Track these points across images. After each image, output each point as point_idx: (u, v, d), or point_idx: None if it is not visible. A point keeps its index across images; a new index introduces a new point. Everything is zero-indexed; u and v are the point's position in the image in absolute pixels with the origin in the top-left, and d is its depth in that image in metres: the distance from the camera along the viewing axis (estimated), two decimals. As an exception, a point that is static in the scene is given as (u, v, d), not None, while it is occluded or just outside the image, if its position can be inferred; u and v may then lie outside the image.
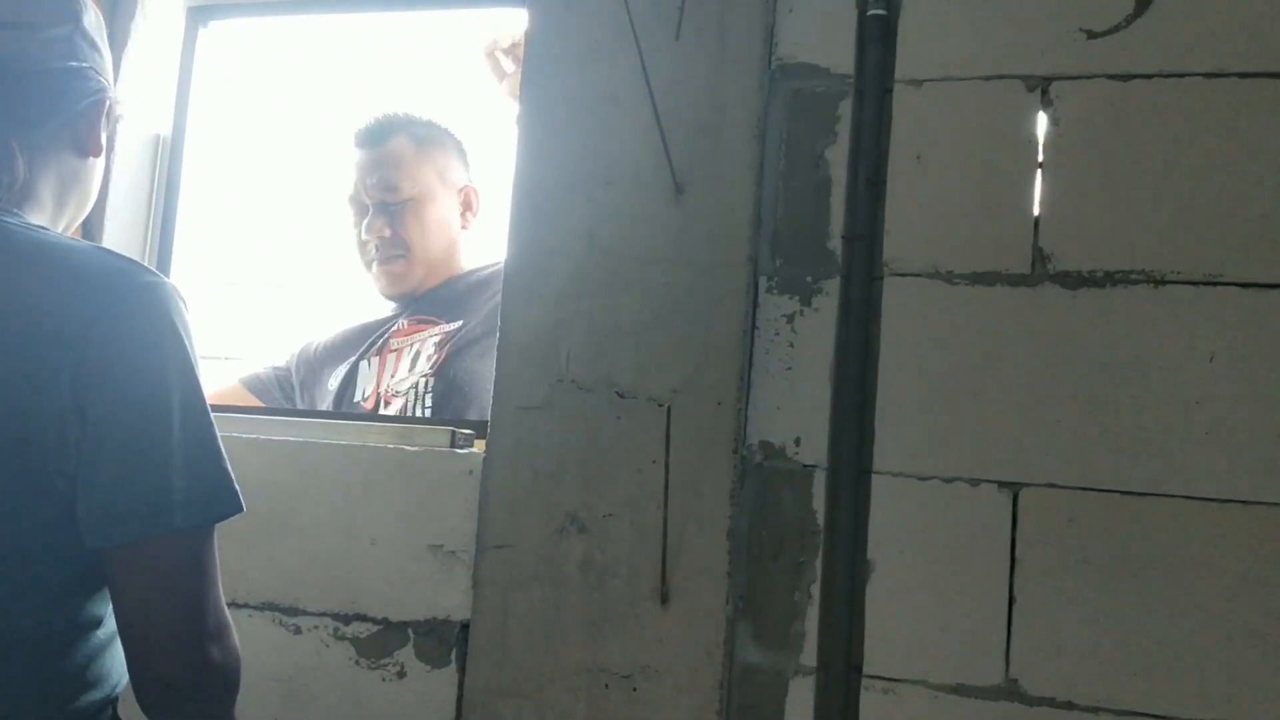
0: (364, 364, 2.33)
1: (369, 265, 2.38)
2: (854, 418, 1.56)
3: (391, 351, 2.31)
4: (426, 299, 2.35)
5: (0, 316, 1.15)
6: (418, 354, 2.26)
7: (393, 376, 2.26)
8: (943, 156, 1.58)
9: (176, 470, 1.18)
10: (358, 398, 2.28)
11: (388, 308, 2.45)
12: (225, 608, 1.25)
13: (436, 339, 2.26)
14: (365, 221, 2.34)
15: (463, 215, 2.41)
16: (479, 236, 2.44)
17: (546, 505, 1.62)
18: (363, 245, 2.36)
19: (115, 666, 1.30)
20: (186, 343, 1.22)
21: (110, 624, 1.27)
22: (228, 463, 1.23)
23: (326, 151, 3.04)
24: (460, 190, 2.40)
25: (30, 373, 1.14)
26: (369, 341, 2.38)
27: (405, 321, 2.34)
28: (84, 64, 1.32)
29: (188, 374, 1.21)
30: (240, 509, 1.24)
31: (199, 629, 1.20)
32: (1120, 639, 1.45)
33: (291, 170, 3.30)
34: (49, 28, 1.28)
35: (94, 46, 1.34)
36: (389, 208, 2.32)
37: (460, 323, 2.25)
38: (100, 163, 1.39)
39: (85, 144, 1.34)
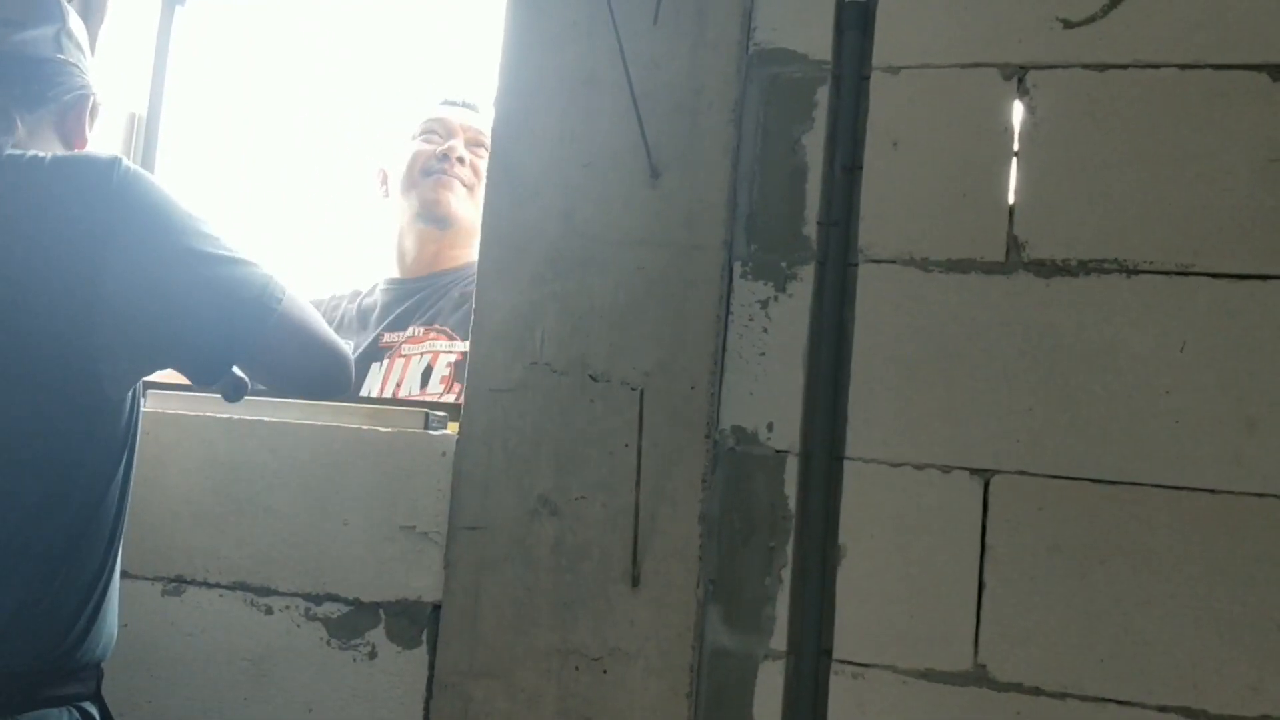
0: (375, 365, 2.30)
1: (423, 178, 2.38)
2: (827, 404, 1.56)
3: (401, 357, 2.28)
4: (426, 290, 2.33)
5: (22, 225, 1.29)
6: (429, 368, 2.23)
7: (398, 385, 2.24)
8: (919, 144, 1.58)
9: (225, 297, 1.37)
10: (363, 392, 2.26)
11: (366, 283, 2.44)
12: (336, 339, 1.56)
13: (452, 359, 2.23)
14: (451, 142, 2.38)
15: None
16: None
17: (519, 487, 1.62)
18: (429, 154, 2.38)
19: (105, 632, 1.40)
20: (163, 191, 1.37)
21: (110, 591, 1.40)
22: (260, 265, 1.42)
23: (303, 131, 3.03)
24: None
25: (47, 284, 1.28)
26: (372, 335, 2.34)
27: (419, 329, 2.32)
28: (71, 60, 1.43)
29: (181, 216, 1.37)
30: (285, 289, 1.44)
31: (339, 366, 1.55)
32: (1088, 625, 1.46)
33: (269, 151, 3.28)
34: (39, 25, 1.40)
35: (79, 47, 1.45)
36: (473, 149, 2.39)
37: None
38: None
39: (71, 136, 1.45)
